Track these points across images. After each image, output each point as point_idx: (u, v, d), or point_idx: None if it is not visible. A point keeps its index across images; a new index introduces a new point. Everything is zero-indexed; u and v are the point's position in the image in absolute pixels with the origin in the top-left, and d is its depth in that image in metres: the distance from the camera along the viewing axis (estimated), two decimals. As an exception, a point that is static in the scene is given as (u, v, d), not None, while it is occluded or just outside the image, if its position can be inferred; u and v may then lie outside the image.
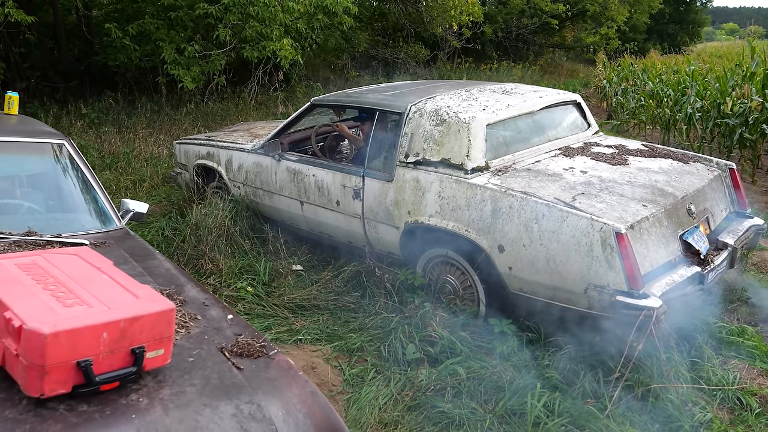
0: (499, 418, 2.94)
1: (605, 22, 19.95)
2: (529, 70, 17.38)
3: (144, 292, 1.74)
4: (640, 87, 10.86)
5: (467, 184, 3.61)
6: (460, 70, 16.04)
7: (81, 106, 9.18)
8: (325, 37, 11.67)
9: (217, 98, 10.05)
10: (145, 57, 9.10)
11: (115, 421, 1.52)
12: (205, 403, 1.65)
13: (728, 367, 3.35)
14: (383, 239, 4.12)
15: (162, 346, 1.67)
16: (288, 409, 1.73)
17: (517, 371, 3.22)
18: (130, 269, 2.31)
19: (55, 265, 1.85)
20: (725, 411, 3.03)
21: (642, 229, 3.20)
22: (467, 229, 3.58)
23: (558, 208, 3.26)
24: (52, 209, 3.00)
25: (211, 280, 4.24)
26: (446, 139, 3.76)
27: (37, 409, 1.50)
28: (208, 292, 2.35)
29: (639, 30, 24.81)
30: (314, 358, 3.48)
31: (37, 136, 3.12)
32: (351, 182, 4.17)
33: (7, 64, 9.03)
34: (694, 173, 3.88)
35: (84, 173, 3.03)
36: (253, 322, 3.75)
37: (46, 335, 1.44)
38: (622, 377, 2.98)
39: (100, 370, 1.55)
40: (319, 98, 4.86)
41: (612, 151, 4.07)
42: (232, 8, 8.28)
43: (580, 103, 4.59)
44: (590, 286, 3.14)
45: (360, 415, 2.98)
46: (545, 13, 17.56)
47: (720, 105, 7.56)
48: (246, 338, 1.99)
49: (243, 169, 5.00)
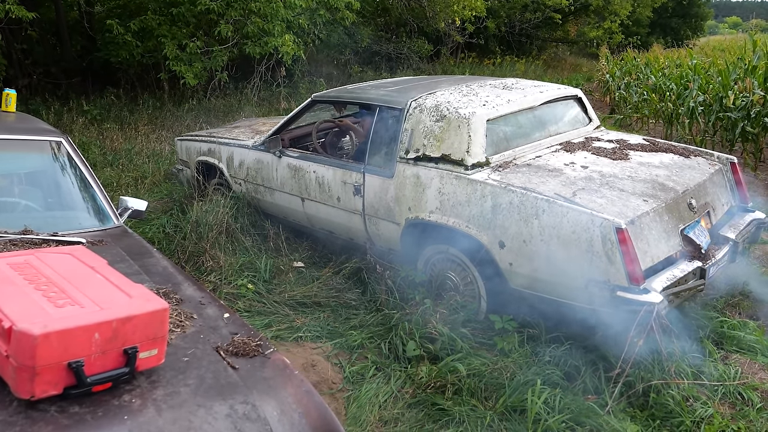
0: (500, 415, 2.93)
1: (608, 16, 19.83)
2: (532, 64, 17.31)
3: (137, 291, 1.73)
4: (642, 81, 10.80)
5: (467, 180, 3.59)
6: (463, 65, 15.98)
7: (83, 103, 9.16)
8: (327, 32, 11.63)
9: (219, 94, 10.03)
10: (147, 53, 9.07)
11: (108, 422, 1.51)
12: (199, 403, 1.64)
13: (729, 361, 3.33)
14: (384, 235, 4.11)
15: (155, 346, 1.66)
16: (283, 408, 1.72)
17: (517, 368, 3.20)
18: (126, 268, 2.30)
19: (48, 264, 1.84)
20: (727, 406, 3.01)
21: (642, 224, 3.17)
22: (468, 225, 3.56)
23: (558, 204, 3.24)
24: (50, 207, 2.99)
25: (212, 278, 4.23)
26: (446, 134, 3.73)
27: (27, 411, 1.49)
28: (205, 291, 2.33)
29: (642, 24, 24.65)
30: (315, 355, 3.47)
31: (35, 133, 3.11)
32: (352, 178, 4.15)
33: (9, 60, 9.02)
34: (695, 167, 3.85)
35: (82, 171, 3.02)
36: (253, 319, 3.74)
37: (37, 336, 1.43)
38: (623, 373, 2.96)
39: (91, 371, 1.53)
40: (320, 94, 4.85)
41: (613, 146, 4.04)
42: (233, 4, 8.26)
43: (581, 98, 4.56)
44: (591, 281, 3.12)
45: (360, 412, 2.97)
46: (548, 8, 17.46)
47: (722, 99, 7.51)
48: (242, 337, 1.98)
49: (244, 166, 4.99)
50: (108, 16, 9.38)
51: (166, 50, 8.36)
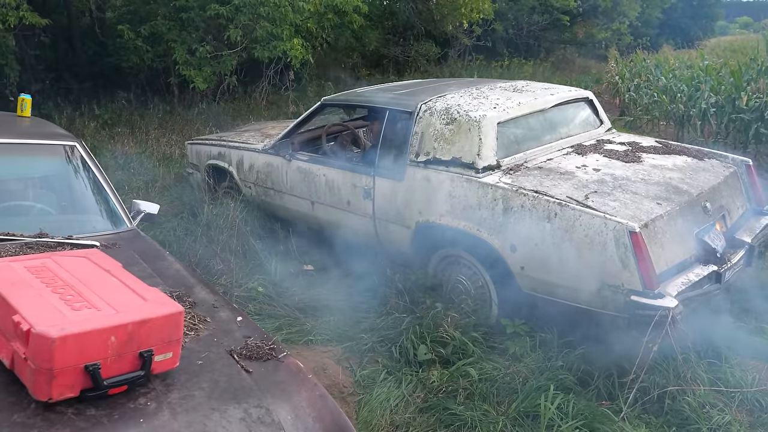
0: (512, 421, 2.91)
1: (617, 17, 19.75)
2: (540, 66, 17.24)
3: (152, 294, 1.73)
4: (653, 83, 10.73)
5: (478, 183, 3.58)
6: (471, 67, 15.93)
7: (94, 107, 9.23)
8: (335, 36, 11.65)
9: (228, 98, 10.07)
10: (157, 58, 9.13)
11: (123, 425, 1.51)
12: (213, 406, 1.64)
13: (747, 368, 3.29)
14: (394, 239, 4.10)
15: (170, 350, 1.66)
16: (297, 412, 1.72)
17: (530, 372, 3.18)
18: (140, 271, 2.31)
19: (65, 267, 1.85)
20: (744, 413, 2.98)
21: (656, 228, 3.15)
22: (478, 228, 3.55)
23: (571, 207, 3.22)
24: (64, 211, 3.01)
25: (222, 281, 4.24)
26: (457, 137, 3.73)
27: (45, 413, 1.50)
28: (218, 294, 2.34)
29: (651, 25, 24.52)
30: (325, 359, 3.46)
31: (50, 138, 3.14)
32: (361, 182, 4.15)
33: (22, 66, 9.10)
34: (709, 170, 3.82)
35: (95, 175, 3.04)
36: (264, 322, 3.74)
37: (55, 339, 1.44)
38: (638, 379, 2.93)
39: (108, 373, 1.54)
40: (330, 98, 4.85)
41: (625, 149, 4.02)
42: (242, 9, 8.29)
43: (592, 100, 4.54)
44: (604, 286, 3.10)
45: (371, 417, 2.96)
46: (556, 10, 17.40)
47: (735, 100, 7.46)
48: (255, 341, 1.98)
49: (254, 169, 5.00)
50: (119, 21, 9.44)
51: (176, 55, 8.41)
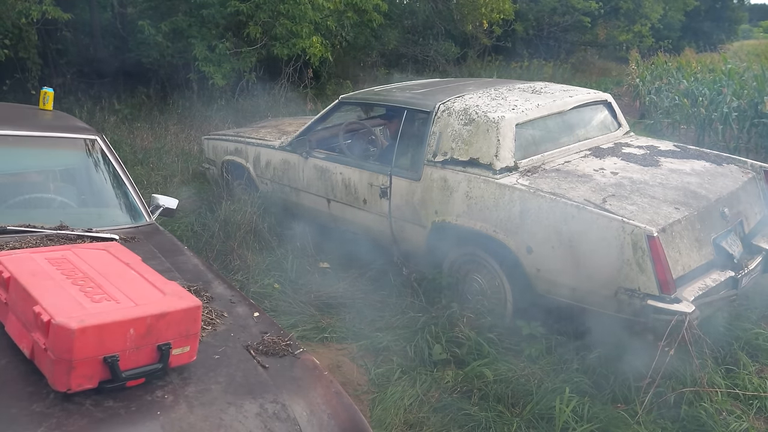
0: (527, 422, 2.90)
1: (639, 19, 19.55)
2: (560, 68, 17.12)
3: (171, 288, 1.74)
4: (674, 86, 10.62)
5: (495, 185, 3.57)
6: (491, 68, 15.87)
7: (114, 102, 9.33)
8: (354, 34, 11.66)
9: (247, 95, 10.12)
10: (177, 54, 9.20)
11: (141, 417, 1.53)
12: (229, 401, 1.65)
13: (765, 375, 3.25)
14: (410, 238, 4.10)
15: (188, 343, 1.67)
16: (312, 409, 1.72)
17: (545, 374, 3.17)
18: (158, 265, 2.33)
19: (85, 259, 1.87)
20: (762, 421, 2.94)
21: (674, 233, 3.12)
22: (495, 229, 3.54)
23: (588, 210, 3.20)
24: (84, 204, 3.04)
25: (239, 276, 4.27)
26: (475, 138, 3.71)
27: (63, 404, 1.52)
28: (235, 289, 2.35)
29: (673, 27, 24.25)
30: (340, 356, 3.47)
31: (71, 131, 3.17)
32: (378, 181, 4.16)
33: (44, 60, 9.22)
34: (727, 175, 3.77)
35: (116, 169, 3.07)
36: (279, 318, 3.76)
37: (74, 330, 1.46)
38: (654, 383, 2.91)
39: (126, 366, 1.56)
40: (347, 96, 4.86)
41: (643, 152, 3.98)
42: (262, 6, 8.33)
43: (610, 103, 4.50)
44: (620, 289, 3.07)
45: (385, 415, 2.97)
46: (577, 11, 17.28)
47: (758, 105, 7.37)
48: (272, 336, 1.99)
49: (270, 166, 5.02)
50: (140, 17, 9.52)
51: (195, 51, 8.47)
